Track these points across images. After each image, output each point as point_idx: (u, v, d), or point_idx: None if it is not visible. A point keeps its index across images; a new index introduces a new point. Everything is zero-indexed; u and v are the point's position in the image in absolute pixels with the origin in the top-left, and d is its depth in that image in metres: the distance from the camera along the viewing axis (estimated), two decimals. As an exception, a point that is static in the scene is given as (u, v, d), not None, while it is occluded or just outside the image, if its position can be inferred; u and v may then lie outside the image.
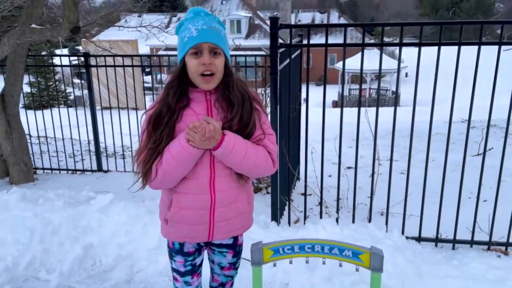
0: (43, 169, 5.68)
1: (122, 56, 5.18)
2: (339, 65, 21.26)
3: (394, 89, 21.79)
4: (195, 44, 1.56)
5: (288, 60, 3.22)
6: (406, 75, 25.04)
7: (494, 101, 2.99)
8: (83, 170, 5.66)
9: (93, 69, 5.37)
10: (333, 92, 20.23)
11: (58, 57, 5.56)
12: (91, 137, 5.59)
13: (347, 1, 54.26)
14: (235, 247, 1.86)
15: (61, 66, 5.39)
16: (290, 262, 1.65)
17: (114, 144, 5.70)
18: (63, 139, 5.73)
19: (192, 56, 1.58)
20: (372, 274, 1.60)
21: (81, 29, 4.06)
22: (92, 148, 5.67)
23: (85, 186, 4.51)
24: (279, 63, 3.13)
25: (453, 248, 3.25)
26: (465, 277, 2.73)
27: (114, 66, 5.15)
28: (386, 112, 4.71)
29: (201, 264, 1.91)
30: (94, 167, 5.65)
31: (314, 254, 1.62)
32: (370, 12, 52.74)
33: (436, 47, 2.84)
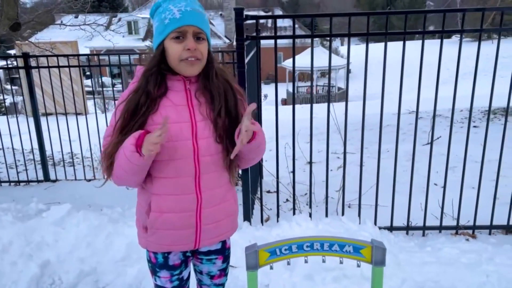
0: (-19, 182, 5.18)
1: (67, 55, 4.80)
2: (286, 63, 21.50)
3: (340, 85, 22.39)
4: (178, 26, 1.40)
5: (255, 49, 3.10)
6: (350, 71, 25.78)
7: (432, 93, 3.09)
8: (28, 181, 5.22)
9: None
10: (281, 90, 20.42)
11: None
12: (35, 145, 5.16)
13: (289, 0, 55.25)
14: (224, 251, 1.71)
15: (-2, 68, 4.91)
16: (288, 263, 1.54)
17: (62, 151, 5.30)
18: (2, 148, 5.24)
19: (174, 40, 1.42)
20: (374, 268, 1.53)
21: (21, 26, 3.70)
22: (37, 157, 5.24)
23: (32, 198, 4.12)
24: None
25: (423, 235, 3.31)
26: (440, 263, 2.77)
27: (59, 66, 4.76)
28: (335, 107, 4.78)
29: (188, 278, 1.73)
30: (40, 177, 5.23)
31: (314, 252, 1.52)
32: (311, 11, 53.99)
33: (376, 43, 2.88)
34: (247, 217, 3.32)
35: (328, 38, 2.98)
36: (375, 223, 3.26)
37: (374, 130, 4.84)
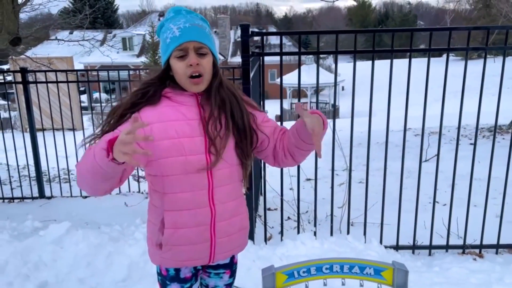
0: (-27, 199, 5.05)
1: (66, 71, 4.76)
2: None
3: (333, 102, 22.53)
4: (178, 44, 1.40)
5: (258, 63, 3.08)
6: (343, 88, 26.00)
7: (428, 110, 3.10)
8: (22, 198, 5.09)
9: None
10: (276, 107, 20.48)
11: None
12: (30, 161, 5.05)
13: (282, 18, 56.06)
14: (232, 266, 1.68)
15: (-5, 83, 4.84)
16: (306, 286, 1.48)
17: (58, 167, 5.20)
18: (-4, 164, 5.14)
19: (177, 59, 1.42)
20: (396, 291, 1.47)
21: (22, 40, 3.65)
22: (32, 173, 5.12)
23: (27, 216, 4.03)
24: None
25: (430, 254, 3.26)
26: (450, 283, 2.71)
27: (57, 82, 4.71)
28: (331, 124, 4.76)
29: None
30: (35, 193, 5.11)
31: (333, 275, 1.47)
32: (303, 28, 54.78)
33: (368, 61, 2.92)
34: (250, 235, 3.25)
35: (322, 55, 2.99)
36: (381, 242, 3.21)
37: (371, 146, 4.79)
